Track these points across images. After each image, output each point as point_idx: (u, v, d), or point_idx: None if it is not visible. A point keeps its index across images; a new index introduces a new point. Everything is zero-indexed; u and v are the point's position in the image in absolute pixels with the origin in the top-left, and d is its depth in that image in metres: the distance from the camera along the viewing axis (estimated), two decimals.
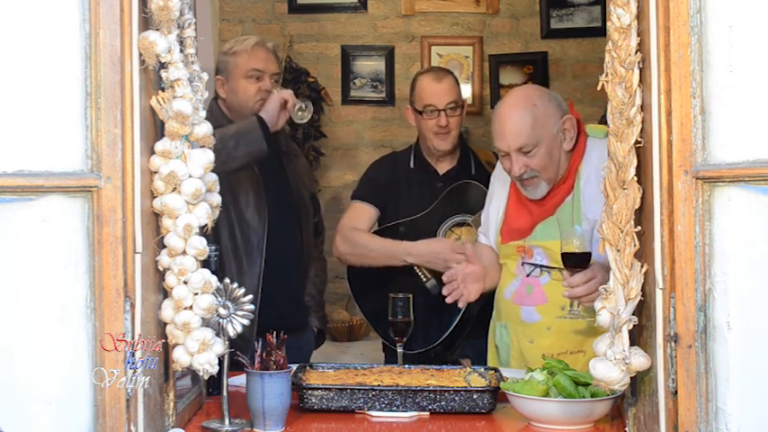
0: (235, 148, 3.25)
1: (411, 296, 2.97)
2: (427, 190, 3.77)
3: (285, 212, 3.55)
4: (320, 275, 3.90)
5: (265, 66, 3.53)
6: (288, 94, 3.43)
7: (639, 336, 2.21)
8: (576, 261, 2.68)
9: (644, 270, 2.13)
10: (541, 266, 2.93)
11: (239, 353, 2.30)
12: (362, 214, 3.80)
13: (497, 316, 3.14)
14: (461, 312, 3.55)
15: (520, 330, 3.01)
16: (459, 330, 3.61)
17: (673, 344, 2.02)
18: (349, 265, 3.82)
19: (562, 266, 2.73)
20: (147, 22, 2.14)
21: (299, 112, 3.48)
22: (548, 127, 2.90)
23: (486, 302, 3.25)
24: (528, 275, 2.97)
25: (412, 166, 3.86)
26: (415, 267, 3.68)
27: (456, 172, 3.79)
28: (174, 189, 2.16)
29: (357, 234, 3.74)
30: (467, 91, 5.87)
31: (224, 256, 3.38)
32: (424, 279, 3.64)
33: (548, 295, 2.93)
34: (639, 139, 2.13)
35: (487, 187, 3.40)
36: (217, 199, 2.31)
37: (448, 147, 3.75)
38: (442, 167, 3.82)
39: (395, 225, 3.74)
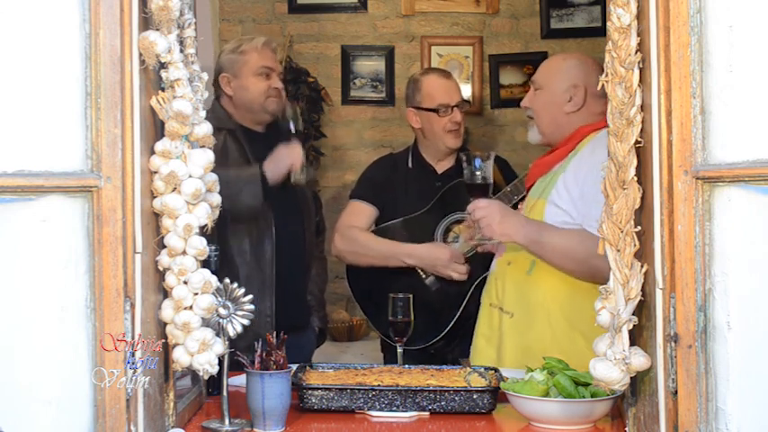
0: (237, 195, 3.23)
1: (411, 296, 2.98)
2: (425, 189, 3.79)
3: (289, 211, 3.56)
4: (321, 275, 3.91)
5: (274, 64, 3.63)
6: (298, 155, 3.42)
7: (639, 336, 2.21)
8: (476, 190, 2.93)
9: (644, 270, 2.13)
10: None
11: (239, 352, 2.30)
12: (361, 213, 3.80)
13: None
14: (461, 309, 3.57)
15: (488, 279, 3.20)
16: (459, 326, 3.62)
17: (673, 344, 2.01)
18: (347, 263, 3.82)
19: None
20: (147, 22, 2.13)
21: (299, 175, 3.48)
22: (557, 80, 3.08)
23: None
24: None
25: (410, 165, 3.87)
26: None
27: (455, 171, 3.80)
28: (174, 189, 2.16)
29: (356, 233, 3.74)
30: (467, 91, 5.87)
31: (235, 257, 3.40)
32: (424, 276, 3.65)
33: (507, 249, 3.05)
34: (639, 139, 2.12)
35: None
36: (217, 199, 2.30)
37: (460, 143, 3.80)
38: (441, 167, 3.83)
39: (393, 223, 3.74)
